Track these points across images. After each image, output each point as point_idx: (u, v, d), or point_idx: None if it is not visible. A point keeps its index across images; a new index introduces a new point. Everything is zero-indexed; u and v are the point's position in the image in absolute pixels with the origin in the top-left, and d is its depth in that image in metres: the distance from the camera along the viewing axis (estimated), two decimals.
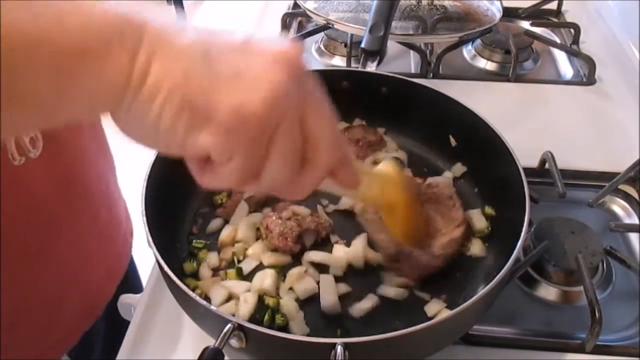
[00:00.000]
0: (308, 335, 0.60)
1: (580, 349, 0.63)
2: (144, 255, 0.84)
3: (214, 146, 0.35)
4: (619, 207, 0.83)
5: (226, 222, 0.72)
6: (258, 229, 0.70)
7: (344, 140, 0.41)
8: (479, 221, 0.72)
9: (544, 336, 0.66)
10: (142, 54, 0.33)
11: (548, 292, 0.71)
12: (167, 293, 0.65)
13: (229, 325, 0.50)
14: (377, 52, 0.79)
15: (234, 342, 0.50)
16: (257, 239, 0.70)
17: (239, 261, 0.67)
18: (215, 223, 0.72)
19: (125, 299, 0.73)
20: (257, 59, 0.35)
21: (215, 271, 0.67)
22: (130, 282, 0.99)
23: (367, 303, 0.63)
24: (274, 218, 0.69)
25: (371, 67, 0.79)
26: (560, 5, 1.27)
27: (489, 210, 0.73)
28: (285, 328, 0.61)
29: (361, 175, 0.49)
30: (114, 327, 0.80)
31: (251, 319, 0.61)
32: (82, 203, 0.72)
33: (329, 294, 0.63)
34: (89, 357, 0.84)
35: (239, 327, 0.50)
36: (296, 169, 0.39)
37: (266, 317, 0.61)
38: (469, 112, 0.73)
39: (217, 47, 0.35)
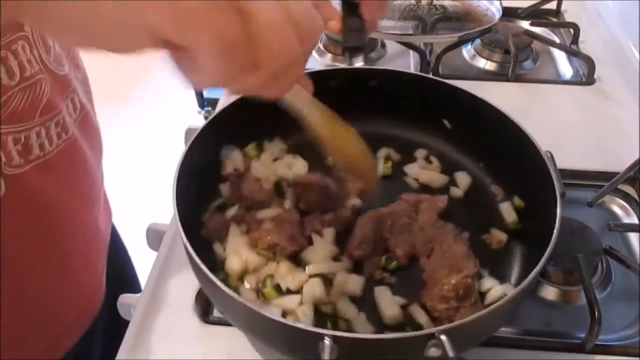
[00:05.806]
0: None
1: (580, 349, 0.64)
2: (144, 255, 0.84)
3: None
4: (618, 207, 0.83)
5: (210, 241, 0.67)
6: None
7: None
8: (510, 215, 0.70)
9: (543, 336, 0.66)
10: None
11: (547, 291, 0.71)
12: (166, 293, 0.65)
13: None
14: (360, 48, 0.79)
15: None
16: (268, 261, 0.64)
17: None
18: None
19: (125, 299, 0.72)
20: None
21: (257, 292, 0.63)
22: (130, 282, 0.99)
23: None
24: (269, 232, 0.65)
25: (359, 63, 0.78)
26: (559, 5, 1.27)
27: (517, 201, 0.71)
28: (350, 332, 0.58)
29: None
30: (114, 326, 0.80)
31: None
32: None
33: (389, 305, 0.61)
34: (89, 356, 0.84)
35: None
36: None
37: (328, 325, 0.59)
38: (470, 96, 0.75)
39: None
